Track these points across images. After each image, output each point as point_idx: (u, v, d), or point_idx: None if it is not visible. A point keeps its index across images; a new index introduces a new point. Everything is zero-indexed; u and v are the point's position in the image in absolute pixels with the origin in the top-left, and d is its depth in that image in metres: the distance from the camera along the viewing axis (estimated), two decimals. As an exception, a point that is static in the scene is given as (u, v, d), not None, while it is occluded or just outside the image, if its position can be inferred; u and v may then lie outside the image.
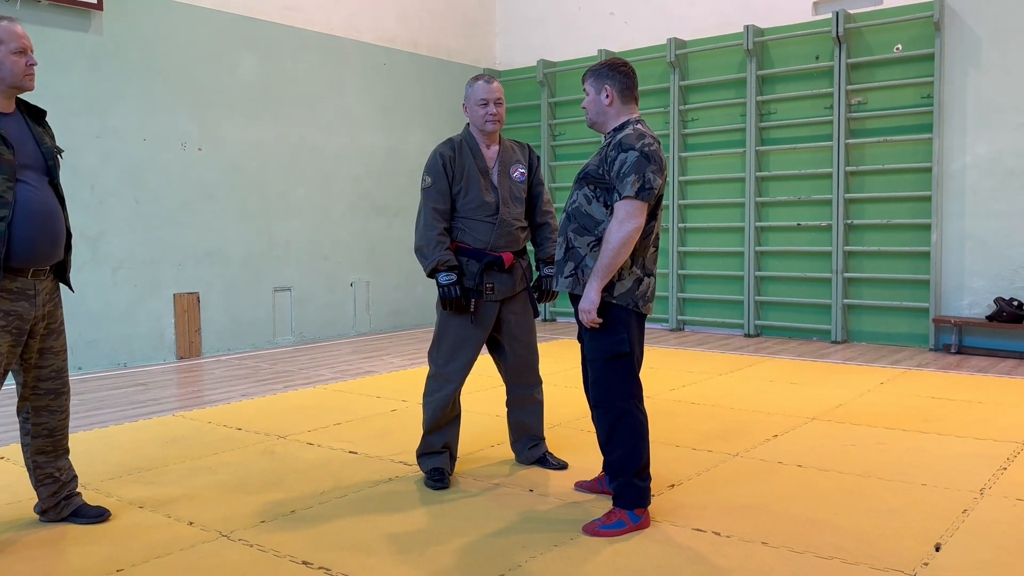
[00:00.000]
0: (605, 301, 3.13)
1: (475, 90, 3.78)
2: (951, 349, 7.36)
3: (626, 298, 3.15)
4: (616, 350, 3.15)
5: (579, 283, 3.20)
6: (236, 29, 7.85)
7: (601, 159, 3.19)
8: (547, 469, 3.99)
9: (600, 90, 3.23)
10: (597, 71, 3.26)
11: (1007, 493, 3.57)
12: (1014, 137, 7.22)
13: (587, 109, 3.29)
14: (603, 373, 3.20)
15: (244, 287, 7.94)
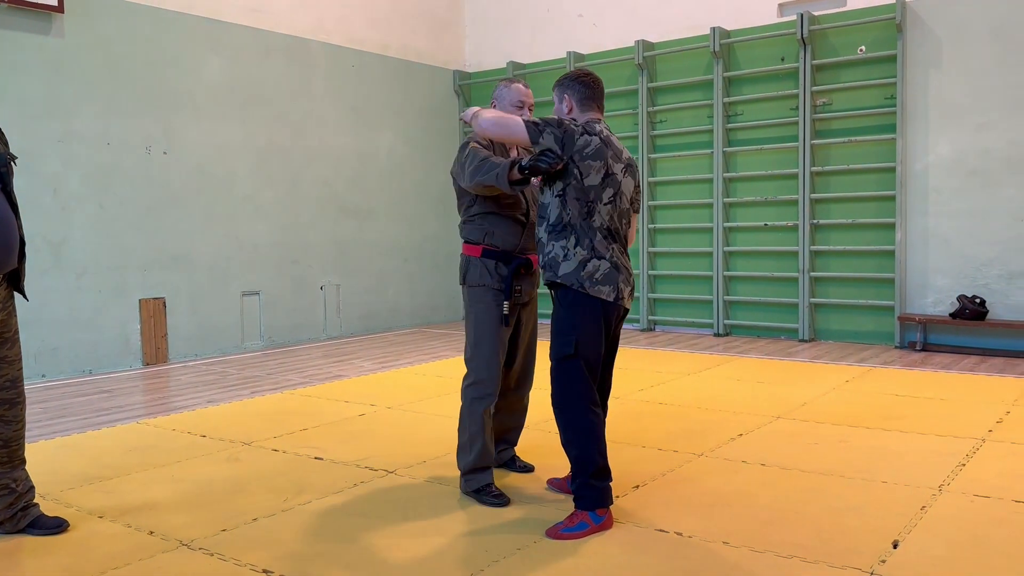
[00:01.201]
0: (551, 281, 3.28)
1: (512, 92, 3.64)
2: (916, 346, 7.46)
3: (571, 278, 3.20)
4: (564, 352, 3.21)
5: (545, 272, 3.32)
6: (201, 31, 7.77)
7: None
8: (514, 472, 3.98)
9: (561, 99, 3.39)
10: (561, 82, 3.41)
11: (965, 489, 3.63)
12: (975, 137, 7.34)
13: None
14: (556, 374, 3.26)
15: (211, 292, 7.87)
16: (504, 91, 3.67)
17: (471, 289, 3.62)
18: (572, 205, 3.20)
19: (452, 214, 10.42)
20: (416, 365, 7.16)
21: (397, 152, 9.72)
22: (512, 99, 3.63)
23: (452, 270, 10.42)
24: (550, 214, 3.25)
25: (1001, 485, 3.67)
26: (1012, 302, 7.23)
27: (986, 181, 7.31)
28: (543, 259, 3.29)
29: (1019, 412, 5.03)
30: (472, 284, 3.61)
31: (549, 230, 3.26)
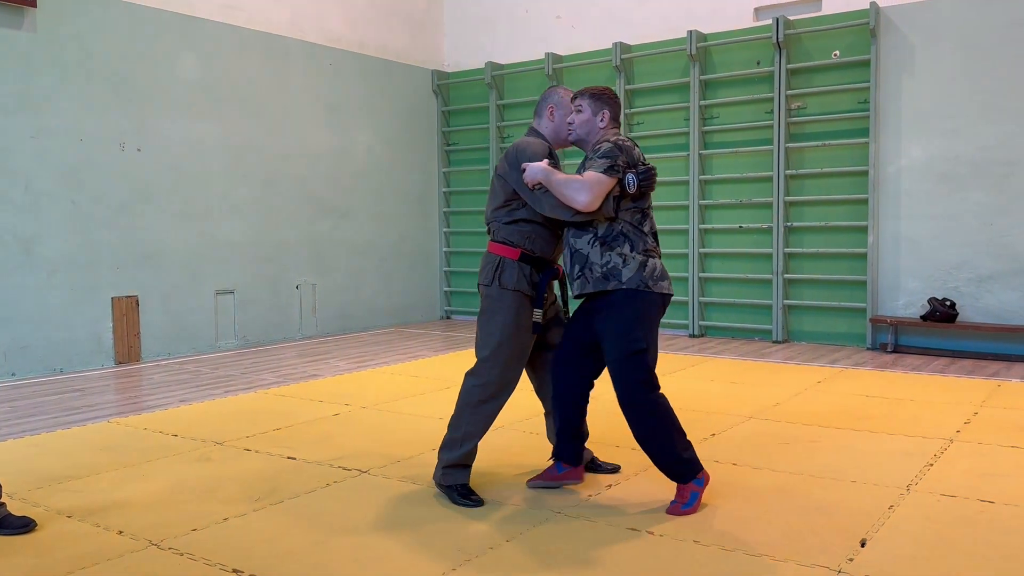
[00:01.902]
0: (614, 289, 3.35)
1: (567, 102, 3.64)
2: (887, 348, 7.56)
3: (635, 280, 3.36)
4: (635, 348, 3.34)
5: (587, 282, 3.41)
6: (176, 27, 7.71)
7: (583, 166, 3.45)
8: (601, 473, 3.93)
9: (598, 113, 3.54)
10: (597, 95, 3.56)
11: (932, 489, 3.68)
12: (946, 142, 7.44)
13: (577, 125, 3.56)
14: (624, 370, 3.36)
15: (185, 290, 7.80)
16: (565, 99, 3.66)
17: (504, 291, 3.51)
18: (624, 215, 3.40)
19: (430, 213, 10.45)
20: (392, 365, 7.14)
21: (374, 151, 9.69)
22: (568, 109, 3.65)
23: (429, 269, 10.42)
24: (598, 226, 3.38)
25: (968, 485, 3.72)
26: (981, 305, 7.34)
27: (957, 186, 7.42)
28: (596, 270, 3.38)
29: (987, 413, 5.11)
30: (506, 287, 3.50)
31: (598, 242, 3.39)
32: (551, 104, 3.68)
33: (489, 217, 3.66)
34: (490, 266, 3.57)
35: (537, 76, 9.72)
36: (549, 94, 3.71)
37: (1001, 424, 4.83)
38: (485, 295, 3.59)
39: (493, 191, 3.65)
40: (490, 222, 3.65)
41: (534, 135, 3.70)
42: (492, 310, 3.55)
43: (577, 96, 3.59)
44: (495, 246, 3.59)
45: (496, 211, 3.61)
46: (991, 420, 4.93)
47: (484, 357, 3.56)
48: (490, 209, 3.65)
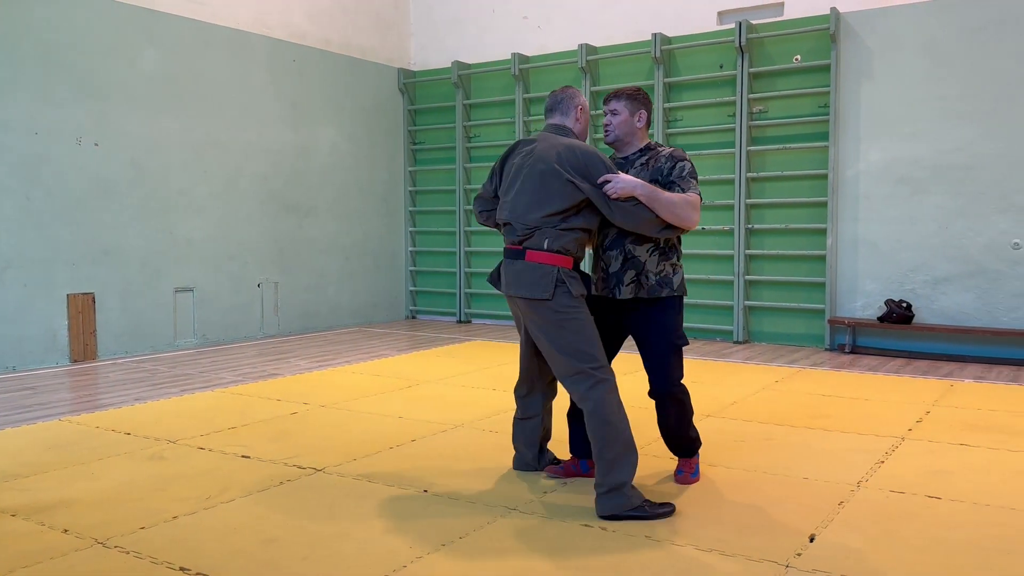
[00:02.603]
0: (667, 296, 3.56)
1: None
2: (845, 349, 7.66)
3: (680, 288, 3.62)
4: (680, 343, 3.61)
5: (642, 288, 3.53)
6: (136, 21, 7.59)
7: (652, 174, 3.53)
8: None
9: (635, 113, 3.63)
10: (634, 96, 3.64)
11: (882, 485, 3.73)
12: (904, 146, 7.57)
13: (615, 126, 3.63)
14: (669, 363, 3.59)
15: (143, 287, 7.68)
16: (587, 103, 3.68)
17: (575, 299, 3.36)
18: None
19: (395, 212, 10.40)
20: (354, 364, 7.10)
21: (339, 149, 9.63)
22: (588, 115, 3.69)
23: (394, 268, 10.37)
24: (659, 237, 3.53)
25: (916, 481, 3.79)
26: (937, 307, 7.48)
27: (914, 189, 7.55)
28: (652, 278, 3.53)
29: (938, 412, 5.20)
30: (578, 294, 3.37)
31: (657, 251, 3.55)
32: (580, 104, 3.63)
33: (534, 222, 3.39)
34: (548, 279, 3.34)
35: (504, 76, 9.72)
36: (575, 93, 3.64)
37: (951, 423, 4.91)
38: (552, 308, 3.34)
39: (545, 194, 3.38)
40: (535, 227, 3.39)
41: (566, 132, 3.58)
42: (573, 322, 3.36)
43: (612, 99, 3.63)
44: (549, 256, 3.36)
45: (550, 217, 3.37)
46: (942, 419, 5.02)
47: (598, 364, 3.36)
48: (539, 214, 3.38)
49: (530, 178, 3.45)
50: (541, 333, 3.42)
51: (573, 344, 3.37)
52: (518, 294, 3.42)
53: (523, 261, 3.42)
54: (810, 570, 2.82)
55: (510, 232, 3.49)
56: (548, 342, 3.40)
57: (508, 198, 3.54)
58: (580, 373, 3.37)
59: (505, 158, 3.68)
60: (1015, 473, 3.93)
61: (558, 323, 3.37)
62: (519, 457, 3.96)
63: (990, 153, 7.22)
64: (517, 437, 3.95)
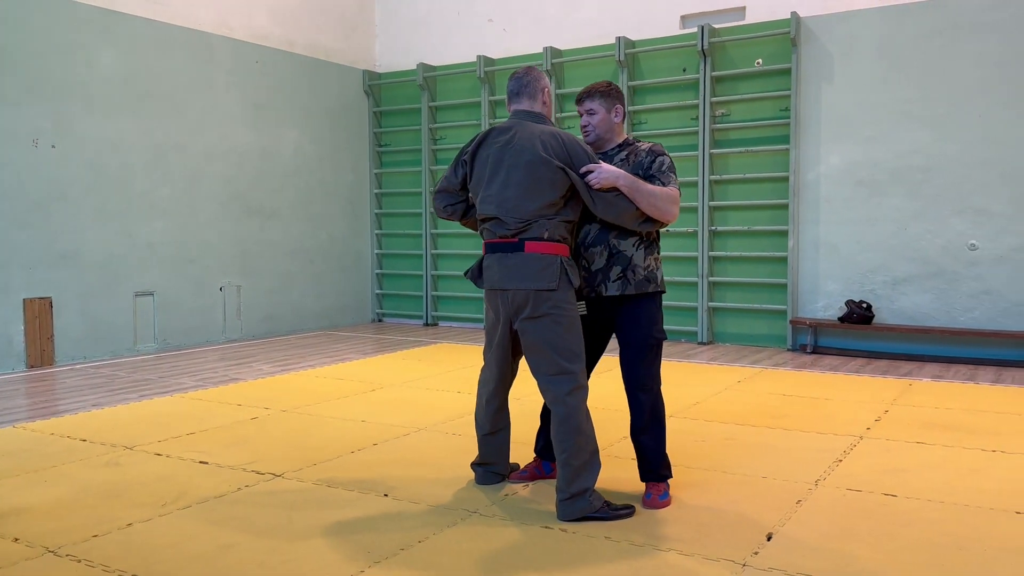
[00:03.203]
0: (652, 291, 3.53)
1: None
2: (807, 349, 7.76)
3: (663, 283, 3.61)
4: (659, 337, 3.55)
5: (629, 283, 3.48)
6: (94, 21, 7.47)
7: (633, 169, 3.50)
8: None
9: (612, 109, 3.59)
10: (608, 92, 3.59)
11: (839, 484, 3.78)
12: (863, 149, 7.68)
13: (595, 126, 3.59)
14: (650, 358, 3.53)
15: (102, 292, 7.56)
16: (548, 87, 3.58)
17: (571, 291, 3.34)
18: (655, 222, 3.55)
19: (361, 215, 10.34)
20: (317, 368, 7.04)
21: (303, 151, 9.55)
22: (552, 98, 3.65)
23: (360, 271, 10.31)
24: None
25: (873, 479, 3.84)
26: (897, 307, 7.60)
27: (873, 191, 7.66)
28: (640, 273, 3.48)
29: (896, 411, 5.28)
30: (574, 285, 3.34)
31: (643, 246, 3.51)
32: (545, 86, 3.53)
33: (533, 214, 3.32)
34: (552, 268, 3.29)
35: (469, 79, 9.72)
36: (538, 75, 3.53)
37: (909, 421, 4.99)
38: (552, 300, 3.30)
39: (536, 185, 3.32)
40: (532, 220, 3.32)
41: (540, 119, 3.49)
42: (569, 318, 3.33)
43: (585, 99, 3.58)
44: (551, 246, 3.32)
45: (545, 208, 3.32)
46: (900, 418, 5.09)
47: (579, 368, 3.33)
48: (533, 206, 3.31)
49: (516, 169, 3.35)
50: (535, 327, 3.33)
51: (565, 341, 3.33)
52: (520, 286, 3.31)
53: (523, 253, 3.32)
54: (766, 568, 2.84)
55: (498, 226, 3.39)
56: (540, 337, 3.33)
57: (492, 191, 3.40)
58: (565, 374, 3.32)
59: (476, 148, 3.50)
60: (970, 471, 4.00)
61: (554, 318, 3.31)
62: (488, 472, 3.76)
63: (946, 156, 7.36)
64: (489, 454, 3.74)
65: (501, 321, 3.47)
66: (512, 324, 3.43)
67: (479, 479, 3.78)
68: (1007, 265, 7.17)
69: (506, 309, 3.41)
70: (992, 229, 7.22)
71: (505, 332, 3.49)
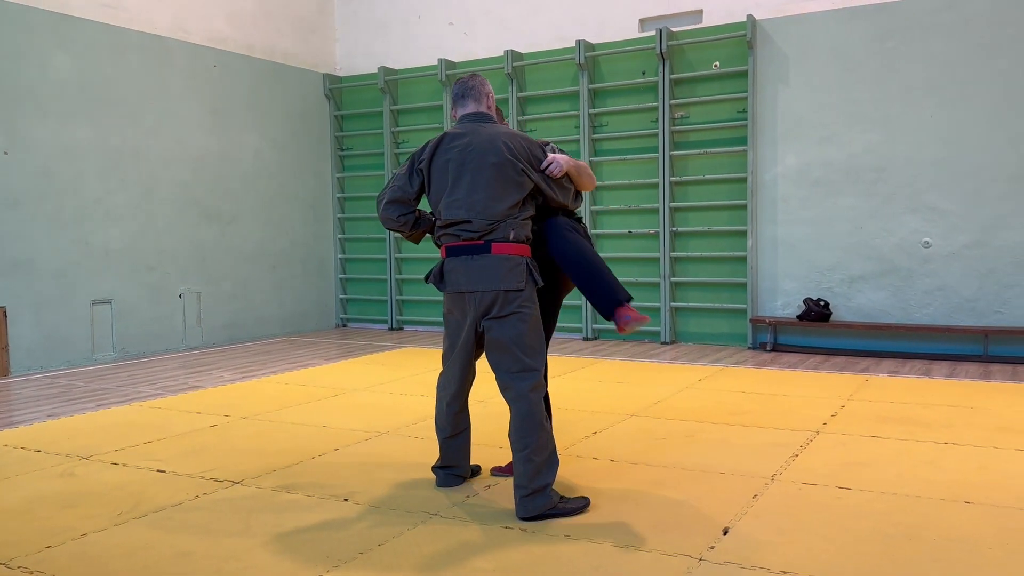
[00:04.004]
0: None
1: None
2: (767, 347, 7.86)
3: None
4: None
5: None
6: (47, 25, 7.35)
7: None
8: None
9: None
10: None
11: (795, 478, 3.84)
12: (819, 149, 7.81)
13: None
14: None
15: (58, 300, 7.42)
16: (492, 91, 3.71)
17: (534, 291, 3.43)
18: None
19: (324, 219, 10.28)
20: (280, 374, 6.98)
21: (263, 155, 9.47)
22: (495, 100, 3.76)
23: (323, 276, 10.24)
24: None
25: (828, 473, 3.90)
26: (853, 304, 7.73)
27: (829, 191, 7.79)
28: None
29: (853, 406, 5.38)
30: (537, 285, 3.43)
31: None
32: (489, 91, 3.65)
33: (501, 215, 3.37)
34: (520, 269, 3.36)
35: (431, 82, 9.71)
36: (483, 80, 3.65)
37: (865, 416, 5.08)
38: (520, 300, 3.36)
39: (503, 186, 3.37)
40: (500, 221, 3.37)
41: (490, 120, 3.58)
42: (531, 316, 3.39)
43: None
44: (517, 247, 3.39)
45: (512, 209, 3.39)
46: (856, 412, 5.18)
47: (541, 366, 3.41)
48: (502, 207, 3.37)
49: (481, 172, 3.38)
50: (501, 325, 3.37)
51: (529, 339, 3.39)
52: (489, 287, 3.35)
53: (490, 255, 3.36)
54: (722, 562, 2.88)
55: (464, 229, 3.40)
56: (505, 335, 3.37)
57: (459, 195, 3.40)
58: (528, 371, 3.38)
59: (432, 155, 3.49)
60: (922, 463, 4.09)
61: (521, 316, 3.38)
62: (449, 474, 3.76)
63: (899, 155, 7.51)
64: (450, 456, 3.74)
65: (468, 323, 3.47)
66: (478, 325, 3.45)
67: (440, 482, 3.78)
68: (959, 262, 7.33)
69: (474, 310, 3.43)
70: (944, 227, 7.38)
71: (471, 334, 3.49)
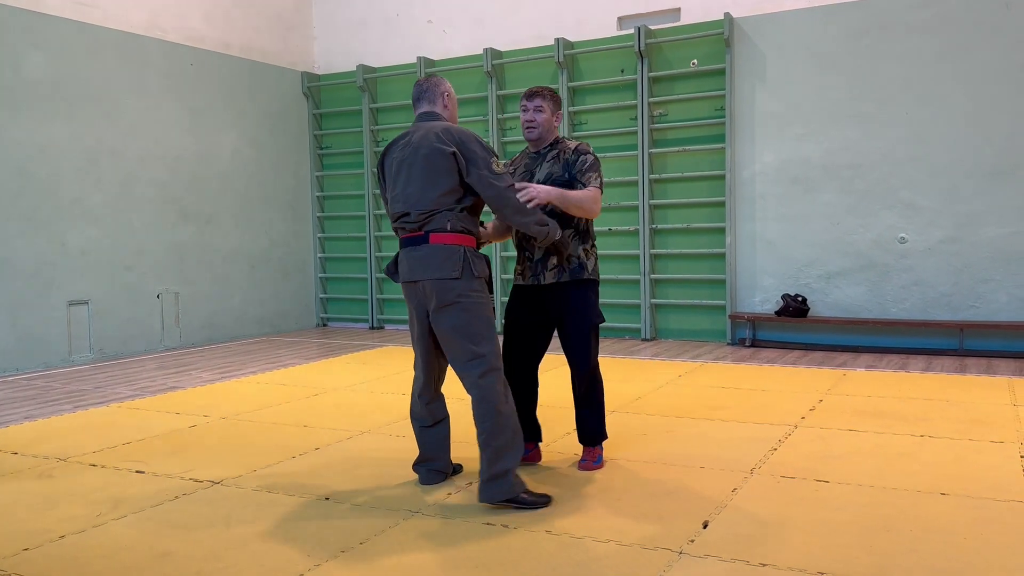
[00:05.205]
0: (586, 279, 3.83)
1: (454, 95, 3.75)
2: (746, 343, 7.92)
3: (595, 272, 3.91)
4: (596, 321, 3.84)
5: (564, 271, 3.79)
6: (20, 23, 7.26)
7: (564, 166, 3.82)
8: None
9: (555, 113, 3.89)
10: (554, 97, 3.89)
11: (773, 472, 3.88)
12: (796, 147, 7.88)
13: (540, 123, 3.85)
14: (590, 338, 3.83)
15: (33, 301, 7.34)
16: (450, 91, 3.70)
17: (476, 280, 3.42)
18: None
19: (303, 218, 10.23)
20: (259, 374, 6.95)
21: (241, 154, 9.42)
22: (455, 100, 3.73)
23: (303, 276, 10.20)
24: (578, 222, 3.81)
25: (806, 467, 3.94)
26: (831, 300, 7.81)
27: (806, 188, 7.86)
28: (573, 261, 3.79)
29: (830, 400, 5.43)
30: (480, 276, 3.43)
31: (577, 236, 3.81)
32: (445, 91, 3.67)
33: (431, 205, 3.40)
34: (454, 258, 3.38)
35: (410, 80, 9.68)
36: (439, 81, 3.68)
37: (842, 410, 5.14)
38: (458, 289, 3.38)
39: (433, 178, 3.40)
40: (433, 211, 3.40)
41: (437, 118, 3.60)
42: (478, 301, 3.42)
43: (536, 96, 3.84)
44: (454, 236, 3.41)
45: (443, 197, 3.40)
46: (833, 406, 5.24)
47: (491, 350, 3.42)
48: (433, 195, 3.40)
49: (415, 164, 3.45)
50: (443, 316, 3.42)
51: (473, 327, 3.42)
52: (425, 277, 3.41)
53: (427, 245, 3.42)
54: (702, 555, 2.91)
55: (407, 221, 3.48)
56: (448, 325, 3.42)
57: (399, 191, 3.51)
58: (476, 358, 3.41)
59: (383, 159, 3.65)
60: (898, 455, 4.14)
61: (462, 306, 3.40)
62: (430, 471, 3.75)
63: (875, 152, 7.59)
64: (428, 448, 3.75)
65: (418, 314, 3.57)
66: (428, 317, 3.51)
67: (422, 479, 3.79)
68: (935, 257, 7.42)
69: (419, 301, 3.52)
70: (920, 222, 7.47)
71: (424, 325, 3.57)
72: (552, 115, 3.86)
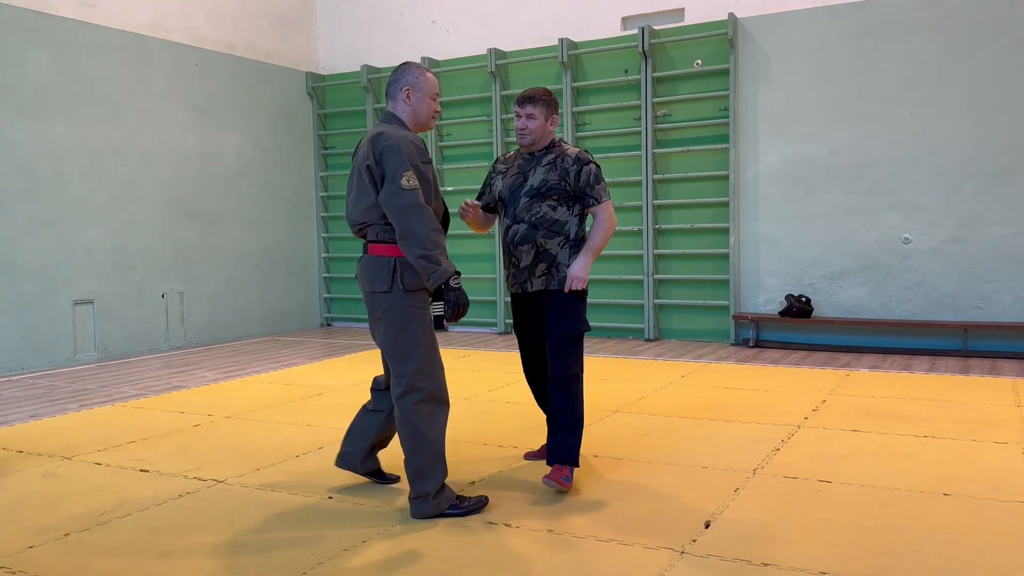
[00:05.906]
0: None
1: (429, 83, 3.43)
2: (749, 343, 7.92)
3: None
4: (583, 329, 3.73)
5: (553, 279, 3.72)
6: (24, 24, 7.29)
7: (561, 174, 3.73)
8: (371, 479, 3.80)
9: (549, 118, 3.81)
10: (548, 101, 3.80)
11: (776, 472, 3.88)
12: (800, 147, 7.87)
13: (532, 131, 3.77)
14: (570, 349, 3.68)
15: (39, 301, 7.37)
16: (420, 80, 3.41)
17: (410, 294, 3.28)
18: (582, 223, 3.81)
19: (307, 218, 10.26)
20: (263, 374, 6.96)
21: (245, 154, 9.44)
22: (430, 91, 3.42)
23: (307, 275, 10.22)
24: (570, 230, 3.75)
25: (808, 467, 3.95)
26: (835, 300, 7.80)
27: (810, 188, 7.86)
28: (563, 270, 3.71)
29: (834, 401, 5.43)
30: (411, 288, 3.28)
31: (568, 245, 3.74)
32: (405, 86, 3.40)
33: (361, 217, 3.34)
34: (384, 270, 3.28)
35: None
36: (401, 74, 3.43)
37: (845, 410, 5.14)
38: (386, 303, 3.29)
39: (362, 188, 3.31)
40: (364, 223, 3.34)
41: (393, 121, 3.39)
42: (403, 318, 3.29)
43: (527, 103, 3.75)
44: (384, 247, 3.30)
45: (369, 210, 3.30)
46: (837, 407, 5.24)
47: (415, 369, 3.29)
48: (360, 208, 3.33)
49: (353, 174, 3.40)
50: (375, 329, 3.41)
51: (396, 344, 3.32)
52: (362, 288, 3.39)
53: (366, 255, 3.38)
54: (704, 555, 2.91)
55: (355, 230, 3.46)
56: (378, 340, 3.41)
57: (347, 199, 3.46)
58: (399, 376, 3.33)
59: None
60: (901, 456, 4.14)
61: (387, 321, 3.33)
62: (342, 452, 3.72)
63: (878, 152, 7.58)
64: (353, 429, 3.70)
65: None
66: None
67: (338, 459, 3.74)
68: (939, 257, 7.42)
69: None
70: (924, 223, 7.46)
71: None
72: (546, 120, 3.76)
